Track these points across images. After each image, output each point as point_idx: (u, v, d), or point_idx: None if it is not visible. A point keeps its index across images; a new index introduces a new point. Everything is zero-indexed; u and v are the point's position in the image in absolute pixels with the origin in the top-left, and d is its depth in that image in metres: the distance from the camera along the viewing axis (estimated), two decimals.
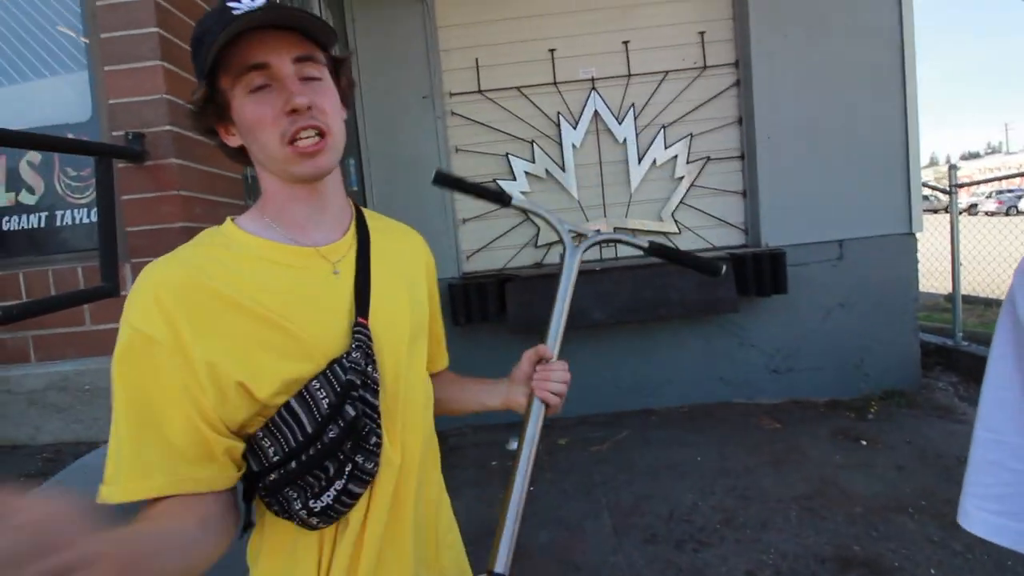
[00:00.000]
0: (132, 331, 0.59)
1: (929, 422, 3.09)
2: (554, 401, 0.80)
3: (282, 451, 0.63)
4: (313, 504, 0.62)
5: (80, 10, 1.53)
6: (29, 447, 1.48)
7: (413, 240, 0.84)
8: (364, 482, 0.65)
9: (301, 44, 0.62)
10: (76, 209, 1.58)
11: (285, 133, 0.62)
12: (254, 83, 0.61)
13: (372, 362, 0.66)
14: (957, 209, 3.94)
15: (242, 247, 0.66)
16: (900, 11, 3.41)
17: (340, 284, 0.68)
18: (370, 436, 0.64)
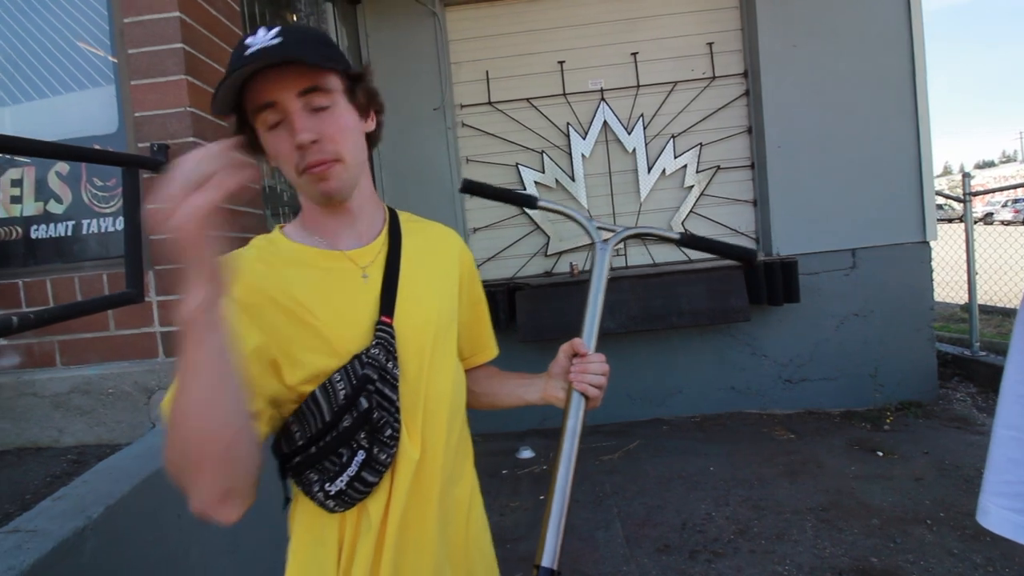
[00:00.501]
0: None
1: (947, 433, 3.05)
2: (593, 393, 0.79)
3: (305, 436, 0.69)
4: (329, 487, 0.67)
5: (108, 27, 1.59)
6: (53, 449, 1.52)
7: (447, 238, 0.88)
8: (378, 472, 0.69)
9: (307, 76, 0.65)
10: (102, 218, 1.62)
11: (298, 164, 0.68)
12: (269, 121, 0.67)
13: (393, 358, 0.71)
14: (972, 217, 3.91)
15: (285, 252, 0.74)
16: (910, 21, 3.42)
17: (368, 286, 0.74)
18: (385, 428, 0.69)
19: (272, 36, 0.64)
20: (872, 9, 3.43)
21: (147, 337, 1.58)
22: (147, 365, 1.55)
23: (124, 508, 1.19)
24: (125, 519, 1.19)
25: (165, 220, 0.51)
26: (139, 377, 1.53)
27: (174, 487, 1.36)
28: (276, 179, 2.25)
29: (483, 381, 0.93)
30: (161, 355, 1.58)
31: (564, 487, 0.76)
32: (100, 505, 1.14)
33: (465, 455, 0.83)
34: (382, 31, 3.47)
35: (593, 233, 0.90)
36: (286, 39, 0.64)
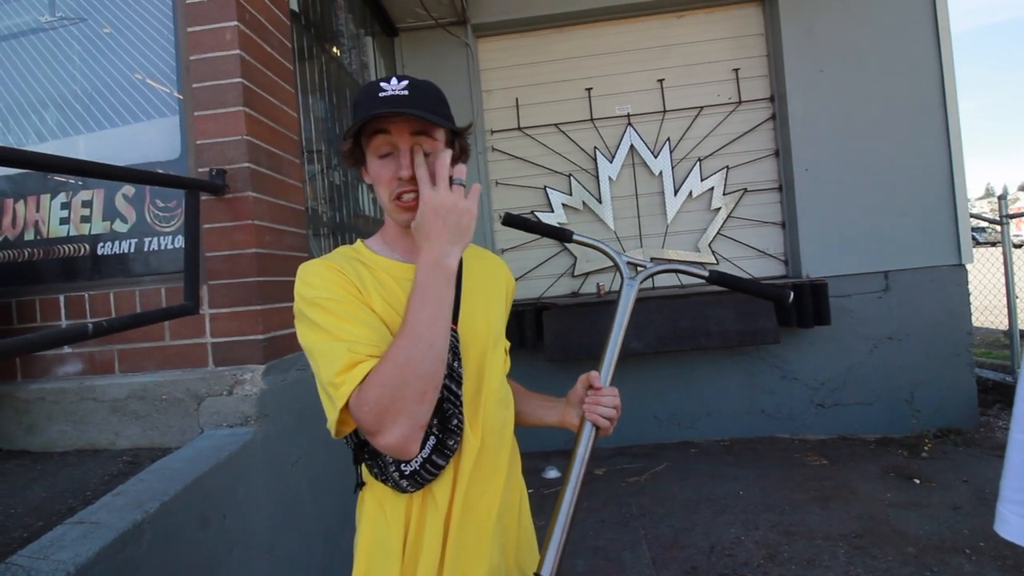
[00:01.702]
0: (329, 284, 0.79)
1: (988, 461, 2.94)
2: (604, 424, 0.87)
3: None
4: (404, 467, 0.78)
5: (175, 63, 1.75)
6: (109, 451, 1.63)
7: (497, 265, 1.02)
8: (446, 456, 0.79)
9: (419, 122, 0.80)
10: (162, 236, 1.76)
11: (393, 192, 0.82)
12: (380, 149, 0.82)
13: (458, 358, 0.82)
14: (1010, 240, 3.81)
15: (370, 262, 0.86)
16: (938, 43, 3.42)
17: None
18: (452, 418, 0.79)
19: (402, 87, 0.79)
20: (899, 32, 3.44)
21: (199, 347, 1.69)
22: (198, 373, 1.65)
23: (176, 506, 1.27)
24: (177, 516, 1.27)
25: (461, 200, 0.76)
26: (191, 385, 1.63)
27: (221, 490, 1.45)
28: (317, 201, 2.38)
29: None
30: (211, 364, 1.68)
31: (568, 506, 0.84)
32: (155, 501, 1.23)
33: (516, 459, 0.94)
34: (418, 61, 3.64)
35: (623, 268, 0.96)
36: (412, 92, 0.79)
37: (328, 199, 2.52)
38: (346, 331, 0.75)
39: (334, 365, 0.72)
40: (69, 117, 1.84)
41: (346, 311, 0.76)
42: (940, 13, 3.42)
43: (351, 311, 0.77)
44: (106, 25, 1.83)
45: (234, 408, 1.59)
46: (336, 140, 2.62)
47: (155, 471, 1.39)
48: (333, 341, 0.74)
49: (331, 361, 0.73)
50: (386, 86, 0.80)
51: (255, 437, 1.56)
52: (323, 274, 0.80)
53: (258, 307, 1.65)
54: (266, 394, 1.62)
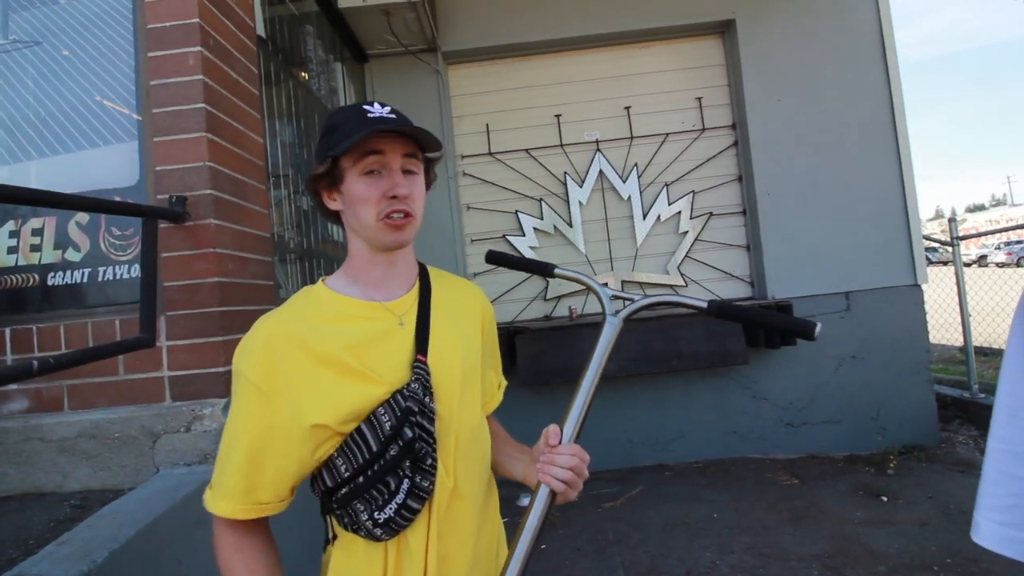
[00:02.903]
0: (243, 378, 0.76)
1: (951, 477, 3.02)
2: (559, 487, 0.76)
3: (352, 467, 0.76)
4: (377, 516, 0.74)
5: (135, 88, 1.71)
6: (57, 494, 1.52)
7: (471, 293, 0.96)
8: (421, 499, 0.76)
9: (410, 145, 0.80)
10: (118, 265, 1.69)
11: (382, 211, 0.78)
12: (369, 167, 0.78)
13: (429, 393, 0.79)
14: (961, 260, 4.00)
15: (328, 304, 0.82)
16: (887, 70, 3.62)
17: (405, 330, 0.82)
18: (426, 458, 0.76)
19: (388, 111, 0.79)
20: (850, 63, 3.63)
21: (155, 382, 1.62)
22: (154, 409, 1.58)
23: (127, 553, 1.19)
24: (128, 565, 1.19)
25: None
26: (146, 421, 1.55)
27: (176, 532, 1.36)
28: (284, 227, 2.34)
29: None
30: (168, 399, 1.61)
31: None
32: (104, 550, 1.15)
33: (492, 497, 0.90)
34: (388, 87, 3.66)
35: (605, 303, 0.85)
36: (399, 116, 0.80)
37: (295, 224, 2.48)
38: (226, 456, 0.77)
39: (217, 471, 0.77)
40: (20, 142, 1.77)
41: (237, 436, 0.76)
42: (888, 44, 3.63)
43: (240, 439, 0.75)
44: (64, 48, 1.78)
45: (192, 445, 1.52)
46: (305, 165, 2.59)
47: (105, 516, 1.31)
48: (220, 449, 0.78)
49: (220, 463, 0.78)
50: (371, 109, 0.79)
51: None
52: (248, 357, 0.77)
53: (220, 338, 1.59)
54: None
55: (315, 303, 0.83)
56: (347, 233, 0.85)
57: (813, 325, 0.76)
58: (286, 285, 2.26)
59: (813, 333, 0.75)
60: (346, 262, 0.87)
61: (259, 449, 0.75)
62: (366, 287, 0.84)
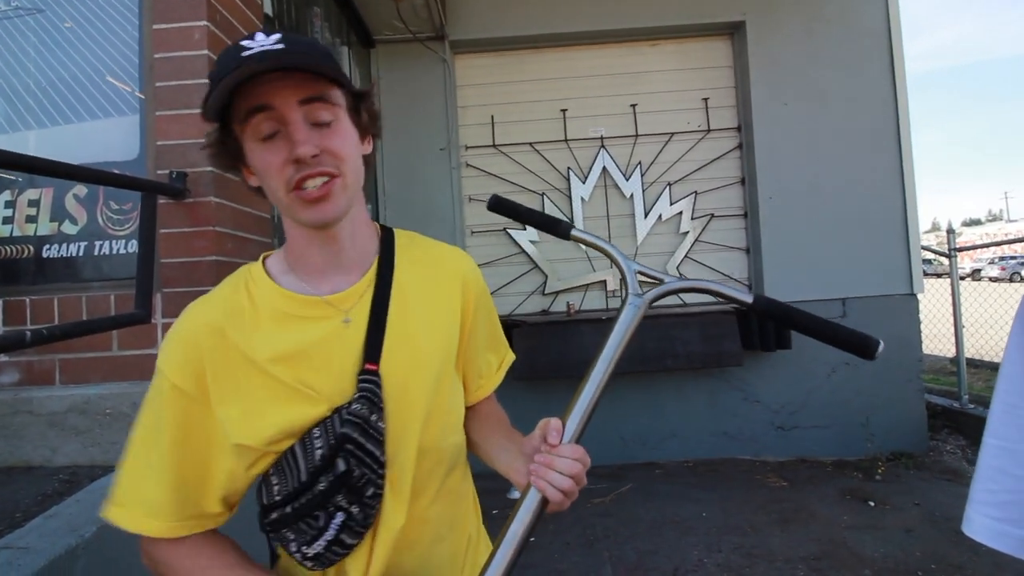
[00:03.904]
0: (162, 377, 0.64)
1: (938, 485, 3.04)
2: (555, 497, 0.61)
3: (283, 493, 0.64)
4: (306, 550, 0.63)
5: (138, 61, 1.68)
6: (44, 468, 1.51)
7: (452, 261, 0.77)
8: (358, 533, 0.64)
9: (310, 85, 0.60)
10: (115, 240, 1.67)
11: (290, 181, 0.60)
12: (263, 131, 0.60)
13: (379, 410, 0.64)
14: (957, 272, 4.02)
15: (261, 296, 0.67)
16: (894, 83, 3.62)
17: (351, 331, 0.66)
18: (367, 488, 0.63)
19: (274, 41, 0.58)
20: (858, 71, 3.63)
21: (149, 359, 1.60)
22: (146, 387, 1.56)
23: (115, 530, 1.18)
24: (116, 542, 1.18)
25: None
26: (137, 398, 1.54)
27: None
28: None
29: (474, 424, 0.82)
30: None
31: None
32: (92, 525, 1.14)
33: (461, 504, 0.77)
34: (394, 74, 3.63)
35: (629, 280, 0.71)
36: (289, 45, 0.58)
37: None
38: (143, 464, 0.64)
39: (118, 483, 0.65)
40: (19, 111, 1.74)
41: (157, 442, 0.63)
42: (896, 55, 3.63)
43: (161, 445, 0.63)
44: (67, 20, 1.75)
45: None
46: None
47: (94, 491, 1.30)
48: (130, 456, 0.65)
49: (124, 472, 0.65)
50: (250, 44, 0.58)
51: None
52: (171, 356, 0.64)
53: None
54: None
55: (247, 292, 0.67)
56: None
57: (875, 343, 0.62)
58: None
59: (874, 352, 0.62)
60: (285, 243, 0.70)
61: (186, 458, 0.63)
62: (305, 276, 0.68)
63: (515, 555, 0.59)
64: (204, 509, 0.64)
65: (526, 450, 0.68)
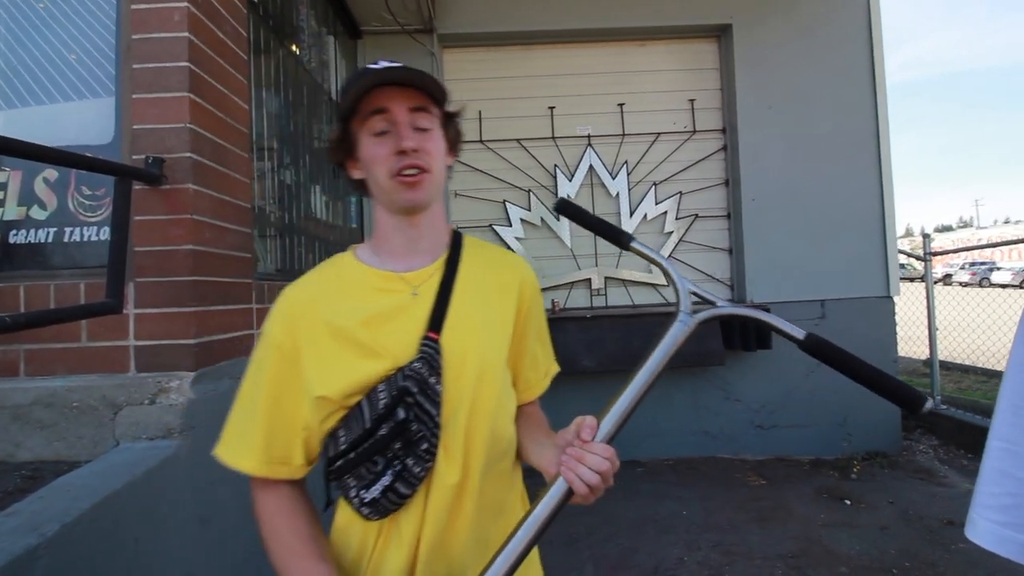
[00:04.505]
0: (268, 341, 0.77)
1: (911, 484, 3.11)
2: (580, 489, 0.64)
3: (347, 442, 0.73)
4: (364, 494, 0.72)
5: (115, 42, 1.61)
6: (6, 464, 1.44)
7: (510, 268, 0.87)
8: (411, 484, 0.72)
9: (417, 98, 0.76)
10: (86, 227, 1.60)
11: (392, 168, 0.75)
12: (376, 128, 0.75)
13: (436, 374, 0.73)
14: (932, 275, 4.11)
15: (350, 275, 0.81)
16: (875, 92, 3.69)
17: (419, 304, 0.78)
18: (421, 442, 0.72)
19: (395, 63, 0.75)
20: (840, 78, 3.69)
21: (120, 350, 1.54)
22: (117, 379, 1.50)
23: (80, 528, 1.13)
24: (80, 541, 1.13)
25: None
26: (107, 391, 1.48)
27: (134, 509, 1.31)
28: (266, 200, 2.26)
29: (518, 422, 0.87)
30: (133, 369, 1.53)
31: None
32: (55, 523, 1.09)
33: (510, 492, 0.83)
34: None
35: (682, 298, 0.73)
36: (408, 69, 0.74)
37: (278, 199, 2.40)
38: (246, 413, 0.77)
39: (226, 427, 0.78)
40: None
41: (257, 394, 0.77)
42: (877, 64, 3.69)
43: (261, 397, 0.76)
44: None
45: (156, 418, 1.45)
46: (290, 138, 2.51)
47: (58, 488, 1.24)
48: (237, 405, 0.79)
49: (231, 417, 0.78)
50: (377, 65, 0.75)
51: (178, 451, 1.43)
52: (275, 320, 0.78)
53: (191, 308, 1.52)
54: (194, 404, 1.49)
55: (337, 272, 0.82)
56: (372, 203, 0.83)
57: (922, 398, 0.62)
58: (264, 260, 2.19)
59: (920, 407, 0.62)
60: (373, 233, 0.85)
61: (278, 409, 0.75)
62: (388, 257, 0.81)
63: (536, 535, 0.63)
64: (289, 457, 0.76)
65: (559, 443, 0.72)
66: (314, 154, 2.81)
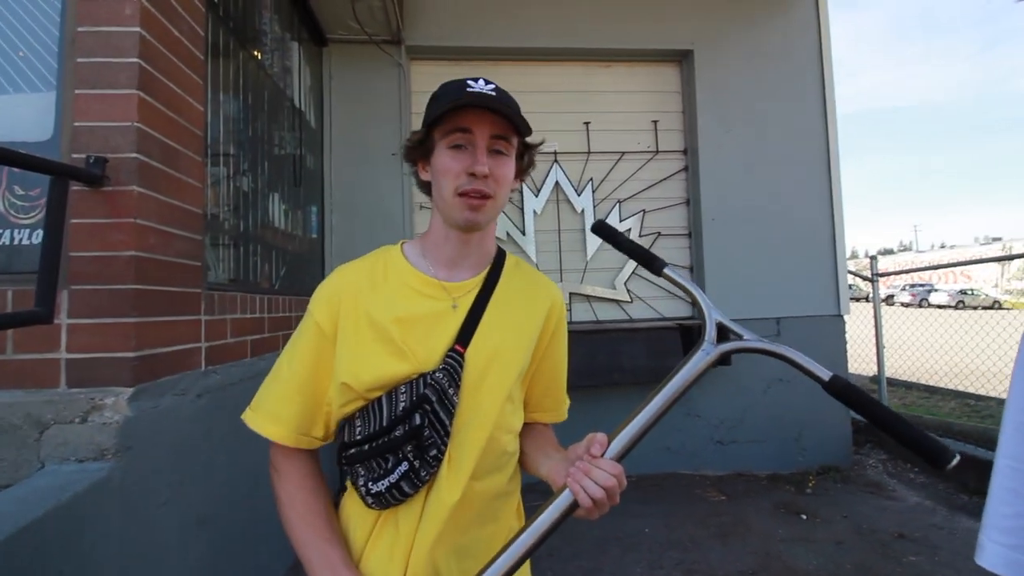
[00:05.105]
0: (310, 316, 0.82)
1: (862, 498, 3.20)
2: (585, 502, 0.65)
3: (364, 433, 0.77)
4: (372, 486, 0.76)
5: (59, 33, 1.51)
6: None
7: (544, 290, 0.91)
8: (415, 485, 0.75)
9: (502, 126, 0.78)
10: (17, 229, 1.48)
11: (460, 186, 0.77)
12: (455, 141, 0.78)
13: (455, 385, 0.77)
14: (879, 295, 4.31)
15: (395, 270, 0.84)
16: (825, 118, 3.88)
17: (455, 316, 0.81)
18: (431, 448, 0.75)
19: (491, 88, 0.78)
20: (794, 104, 3.86)
21: (49, 364, 1.42)
22: (44, 395, 1.38)
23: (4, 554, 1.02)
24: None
25: None
26: (33, 408, 1.36)
27: (58, 539, 1.19)
28: (220, 207, 2.16)
29: (529, 437, 0.91)
30: (63, 384, 1.41)
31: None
32: None
33: (507, 502, 0.86)
34: (347, 74, 3.51)
35: (709, 327, 0.73)
36: (499, 94, 0.77)
37: (233, 206, 2.30)
38: (283, 382, 0.81)
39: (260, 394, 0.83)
40: None
41: (294, 365, 0.81)
42: (828, 94, 3.89)
43: (297, 368, 0.80)
44: None
45: (87, 438, 1.34)
46: (249, 143, 2.42)
47: None
48: (273, 374, 0.83)
49: (264, 385, 0.83)
50: (473, 83, 0.78)
51: (112, 474, 1.31)
52: (320, 300, 0.82)
53: (132, 319, 1.42)
54: (132, 422, 1.38)
55: (385, 265, 0.84)
56: (432, 207, 0.86)
57: (950, 454, 0.57)
58: (216, 269, 2.08)
59: (947, 464, 0.57)
60: (425, 233, 0.87)
61: (311, 383, 0.79)
62: (434, 263, 0.84)
63: (537, 541, 0.65)
64: (311, 430, 0.81)
65: (570, 456, 0.75)
66: (274, 161, 2.72)
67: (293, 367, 0.80)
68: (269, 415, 0.80)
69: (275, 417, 0.79)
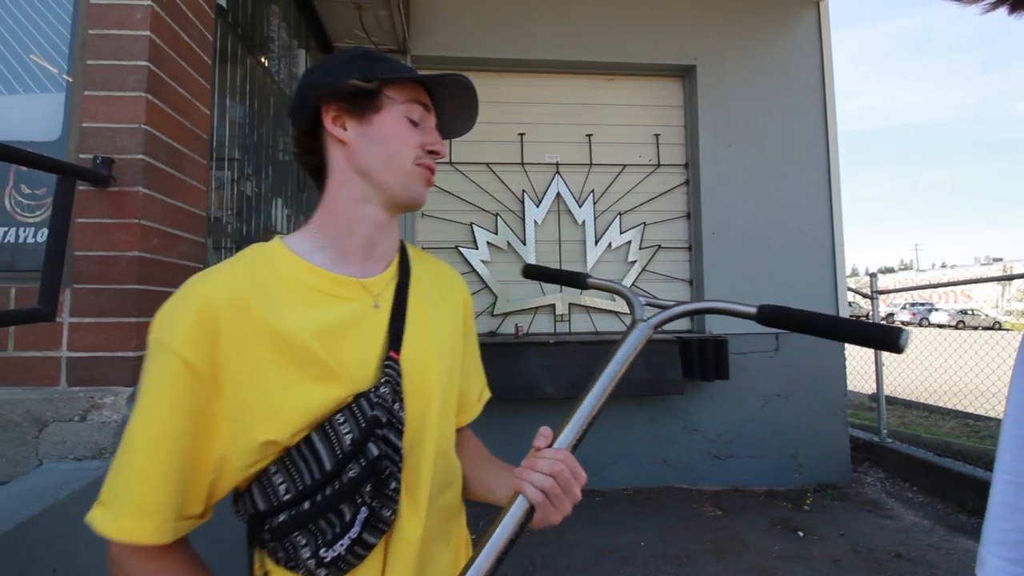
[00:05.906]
0: (169, 353, 0.56)
1: (860, 516, 3.18)
2: (535, 496, 0.58)
3: (295, 489, 0.58)
4: (324, 553, 0.57)
5: (69, 36, 1.54)
6: None
7: (453, 279, 0.82)
8: (379, 531, 0.60)
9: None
10: (23, 228, 1.49)
11: (419, 158, 0.69)
12: (414, 116, 0.69)
13: (399, 400, 0.63)
14: (879, 314, 4.31)
15: (289, 272, 0.64)
16: (827, 133, 3.91)
17: (378, 317, 0.67)
18: (390, 480, 0.60)
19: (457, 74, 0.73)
20: (795, 119, 3.89)
21: (50, 362, 1.42)
22: (44, 393, 1.38)
23: None
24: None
25: None
26: (32, 406, 1.36)
27: (54, 537, 1.19)
28: (224, 210, 2.18)
29: (463, 457, 0.79)
30: (63, 383, 1.42)
31: None
32: None
33: (457, 519, 0.76)
34: None
35: (636, 309, 0.74)
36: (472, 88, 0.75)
37: (236, 210, 2.31)
38: (142, 459, 0.56)
39: (112, 479, 0.57)
40: None
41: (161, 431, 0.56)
42: (829, 110, 3.92)
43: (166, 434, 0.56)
44: None
45: (86, 437, 1.34)
46: (254, 148, 2.44)
47: None
48: (124, 451, 0.57)
49: (115, 468, 0.57)
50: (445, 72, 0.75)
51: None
52: (178, 327, 0.57)
53: (134, 319, 1.43)
54: None
55: (270, 267, 0.64)
56: (332, 182, 0.68)
57: (899, 332, 0.58)
58: None
59: (899, 343, 0.58)
60: (314, 220, 0.69)
61: (186, 449, 0.56)
62: (339, 256, 0.67)
63: (495, 562, 0.56)
64: (187, 508, 0.58)
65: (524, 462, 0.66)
66: (277, 166, 2.74)
67: (155, 432, 0.56)
68: (133, 509, 0.55)
69: (141, 510, 0.55)
